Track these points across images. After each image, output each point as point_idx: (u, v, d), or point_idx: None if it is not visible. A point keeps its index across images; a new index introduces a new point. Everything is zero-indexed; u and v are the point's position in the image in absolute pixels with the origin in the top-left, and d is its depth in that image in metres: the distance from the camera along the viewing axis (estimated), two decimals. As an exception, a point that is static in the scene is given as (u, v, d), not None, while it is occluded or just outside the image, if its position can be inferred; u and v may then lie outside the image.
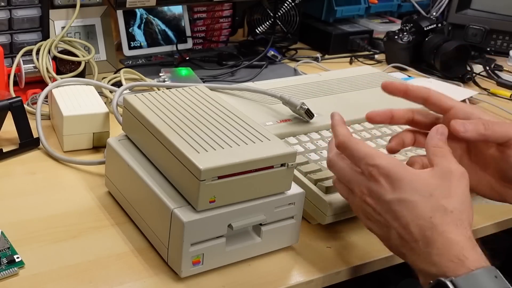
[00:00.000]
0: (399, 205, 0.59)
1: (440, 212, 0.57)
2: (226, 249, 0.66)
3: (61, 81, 0.96)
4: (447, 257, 0.56)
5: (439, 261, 0.56)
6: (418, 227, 0.57)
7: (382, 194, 0.60)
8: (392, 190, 0.59)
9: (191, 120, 0.69)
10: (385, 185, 0.60)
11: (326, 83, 0.99)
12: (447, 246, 0.56)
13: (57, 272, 0.64)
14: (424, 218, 0.57)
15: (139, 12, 1.24)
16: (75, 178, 0.82)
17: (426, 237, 0.57)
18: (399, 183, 0.59)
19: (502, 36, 1.49)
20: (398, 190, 0.59)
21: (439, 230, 0.57)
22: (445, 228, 0.57)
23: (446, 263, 0.56)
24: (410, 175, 0.59)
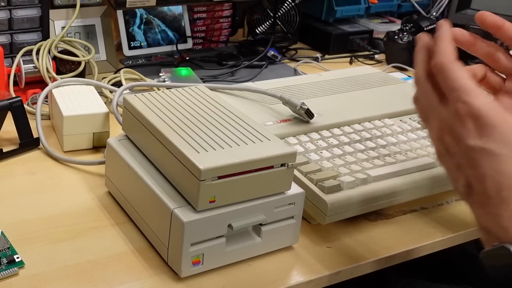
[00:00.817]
0: (481, 154, 0.52)
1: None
2: (226, 249, 0.66)
3: (61, 81, 0.96)
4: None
5: (509, 225, 0.50)
6: (496, 183, 0.51)
7: (464, 137, 0.53)
8: (478, 135, 0.52)
9: (191, 120, 0.69)
10: (471, 128, 0.52)
11: (326, 83, 0.99)
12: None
13: (57, 272, 0.64)
14: (506, 176, 0.51)
15: (139, 12, 1.24)
16: (75, 178, 0.82)
17: (501, 196, 0.51)
18: (489, 130, 0.51)
19: (502, 36, 1.49)
20: (485, 138, 0.51)
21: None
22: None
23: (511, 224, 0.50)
24: (505, 124, 0.51)
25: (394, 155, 0.81)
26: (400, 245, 0.74)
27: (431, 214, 0.79)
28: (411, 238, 0.76)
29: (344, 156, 0.79)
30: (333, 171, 0.76)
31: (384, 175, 0.76)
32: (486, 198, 0.52)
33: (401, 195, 0.77)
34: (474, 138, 0.52)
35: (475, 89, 0.53)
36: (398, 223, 0.79)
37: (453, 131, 0.54)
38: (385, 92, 0.98)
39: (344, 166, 0.77)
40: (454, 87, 0.53)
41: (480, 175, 0.52)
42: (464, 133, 0.53)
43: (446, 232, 0.77)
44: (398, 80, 1.05)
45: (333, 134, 0.83)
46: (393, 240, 0.75)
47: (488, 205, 0.52)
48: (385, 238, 0.75)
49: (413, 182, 0.77)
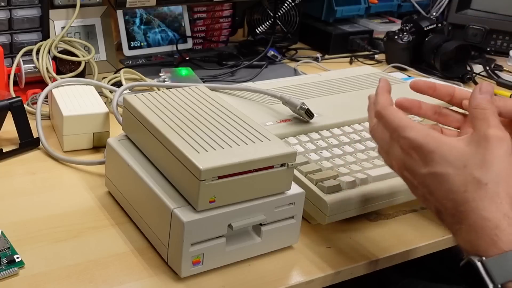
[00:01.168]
0: (432, 179, 0.56)
1: (474, 185, 0.53)
2: (226, 249, 0.66)
3: (61, 81, 0.96)
4: (479, 235, 0.52)
5: (471, 239, 0.53)
6: (452, 202, 0.54)
7: (415, 168, 0.57)
8: (424, 163, 0.56)
9: (191, 120, 0.69)
10: (417, 159, 0.57)
11: (326, 83, 0.99)
12: (479, 223, 0.53)
13: (57, 272, 0.64)
14: (458, 192, 0.54)
15: (139, 12, 1.24)
16: (75, 178, 0.82)
17: (460, 212, 0.54)
18: (431, 156, 0.56)
19: (502, 36, 1.49)
20: (430, 164, 0.56)
21: (472, 206, 0.53)
22: (478, 203, 0.53)
23: (478, 241, 0.52)
24: (442, 146, 0.56)
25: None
26: (400, 245, 0.74)
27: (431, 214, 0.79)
28: (411, 238, 0.76)
29: (344, 156, 0.79)
30: (333, 171, 0.76)
31: (384, 175, 0.76)
32: (451, 217, 0.55)
33: (401, 195, 0.77)
34: (422, 166, 0.57)
35: (409, 123, 0.58)
36: (398, 223, 0.79)
37: (407, 166, 0.59)
38: (385, 92, 0.98)
39: (344, 166, 0.77)
40: (393, 127, 0.60)
41: (439, 198, 0.56)
42: (414, 164, 0.58)
43: (446, 232, 0.77)
44: (398, 80, 1.05)
45: (333, 134, 0.83)
46: (393, 240, 0.75)
47: (455, 223, 0.55)
48: (385, 238, 0.75)
49: (413, 182, 0.77)
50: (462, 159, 0.55)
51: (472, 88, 1.30)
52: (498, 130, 0.55)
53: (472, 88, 1.29)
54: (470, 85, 1.29)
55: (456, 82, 1.28)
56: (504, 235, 0.52)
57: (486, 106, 0.58)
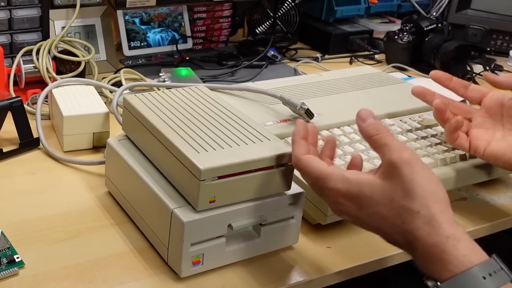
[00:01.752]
0: (371, 219, 0.57)
1: (408, 216, 0.54)
2: (226, 249, 0.66)
3: (61, 81, 0.96)
4: (431, 262, 0.53)
5: (425, 265, 0.54)
6: (399, 235, 0.56)
7: (351, 212, 0.58)
8: (357, 208, 0.57)
9: (191, 120, 0.69)
10: (349, 205, 0.58)
11: (326, 83, 0.99)
12: (427, 250, 0.53)
13: (57, 272, 0.64)
14: (398, 226, 0.55)
15: (139, 12, 1.24)
16: (75, 178, 0.82)
17: (409, 242, 0.55)
18: (360, 201, 0.57)
19: (502, 36, 1.49)
20: (362, 207, 0.57)
21: (415, 235, 0.54)
22: (420, 232, 0.54)
23: (432, 267, 0.53)
24: (365, 189, 0.57)
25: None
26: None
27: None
28: (411, 238, 0.76)
29: (344, 156, 0.79)
30: (333, 171, 0.75)
31: (384, 175, 0.76)
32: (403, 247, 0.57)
33: (401, 195, 0.76)
34: (357, 210, 0.57)
35: (328, 173, 0.59)
36: (398, 223, 0.79)
37: (342, 211, 0.59)
38: (385, 92, 0.98)
39: (344, 166, 0.77)
40: (313, 178, 0.60)
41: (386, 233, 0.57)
42: (348, 210, 0.58)
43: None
44: (398, 80, 1.05)
45: (333, 134, 0.83)
46: (393, 240, 0.75)
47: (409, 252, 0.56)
48: (385, 238, 0.75)
49: (413, 182, 0.77)
50: (386, 194, 0.55)
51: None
52: (399, 152, 0.56)
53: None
54: (470, 85, 1.29)
55: (456, 82, 1.28)
56: (453, 258, 0.52)
57: (374, 131, 0.59)
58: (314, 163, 0.60)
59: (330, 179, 0.58)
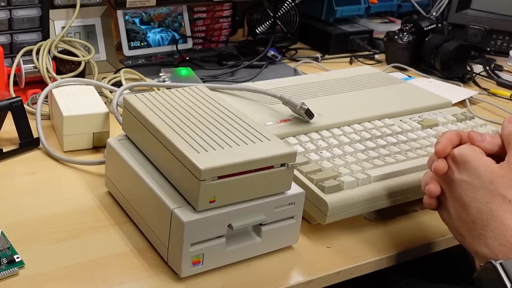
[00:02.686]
0: (461, 185, 0.62)
1: (498, 199, 0.60)
2: (226, 249, 0.66)
3: (61, 81, 0.96)
4: (500, 241, 0.58)
5: (492, 243, 0.58)
6: (475, 209, 0.61)
7: (449, 174, 0.64)
8: (457, 171, 0.63)
9: (191, 120, 0.69)
10: (453, 167, 0.64)
11: (326, 83, 0.99)
12: (501, 230, 0.58)
13: (57, 272, 0.64)
14: (482, 202, 0.60)
15: (139, 12, 1.24)
16: (75, 178, 0.82)
17: (482, 219, 0.60)
18: (465, 165, 0.62)
19: (502, 36, 1.49)
20: (463, 172, 0.63)
21: (494, 215, 0.59)
22: (501, 213, 0.59)
23: (498, 247, 0.58)
24: (477, 160, 0.62)
25: (394, 155, 0.81)
26: (400, 245, 0.74)
27: (431, 214, 0.79)
28: (411, 238, 0.76)
29: (344, 156, 0.79)
30: (333, 171, 0.76)
31: (384, 175, 0.76)
32: (472, 223, 0.61)
33: (401, 195, 0.77)
34: (456, 173, 0.63)
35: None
36: (398, 223, 0.79)
37: (445, 176, 0.65)
38: (385, 92, 0.98)
39: (344, 166, 0.77)
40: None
41: (463, 204, 0.62)
42: (450, 172, 0.64)
43: (446, 232, 0.77)
44: (398, 80, 1.05)
45: (333, 134, 0.83)
46: (393, 240, 0.75)
47: (474, 229, 0.61)
48: (385, 238, 0.75)
49: (413, 182, 0.77)
50: (491, 176, 0.61)
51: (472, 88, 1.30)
52: None
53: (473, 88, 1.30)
54: (470, 85, 1.29)
55: (456, 82, 1.28)
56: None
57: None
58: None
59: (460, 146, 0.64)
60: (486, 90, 1.27)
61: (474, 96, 1.21)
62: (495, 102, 1.21)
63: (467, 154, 0.63)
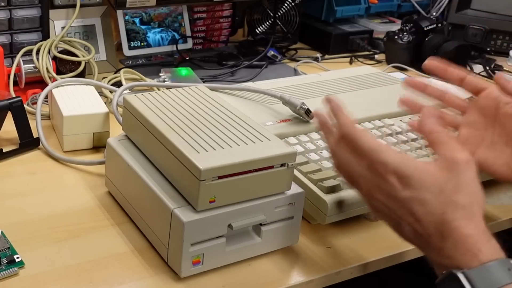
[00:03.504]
0: (411, 202, 0.58)
1: (452, 208, 0.57)
2: (226, 249, 0.66)
3: (61, 81, 0.96)
4: (460, 251, 0.56)
5: (453, 254, 0.56)
6: (431, 224, 0.57)
7: (392, 192, 0.59)
8: (402, 187, 0.58)
9: (191, 120, 0.69)
10: (395, 183, 0.58)
11: (326, 83, 0.99)
12: (460, 240, 0.56)
13: (57, 272, 0.64)
14: (436, 215, 0.57)
15: (139, 12, 1.24)
16: (75, 178, 0.82)
17: (439, 232, 0.57)
18: (409, 180, 0.58)
19: (502, 36, 1.49)
20: (408, 188, 0.58)
21: (451, 226, 0.56)
22: (458, 223, 0.56)
23: (459, 257, 0.56)
24: (419, 171, 0.58)
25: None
26: (400, 245, 0.74)
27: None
28: (411, 238, 0.76)
29: (344, 156, 0.79)
30: (333, 171, 0.75)
31: (384, 175, 0.76)
32: (429, 236, 0.58)
33: (401, 195, 0.76)
34: (401, 190, 0.58)
35: (384, 147, 0.59)
36: (398, 223, 0.79)
37: (382, 189, 0.59)
38: (385, 92, 0.98)
39: (344, 166, 0.77)
40: (366, 150, 0.60)
41: (417, 218, 0.58)
42: (391, 188, 0.58)
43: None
44: (398, 80, 1.05)
45: (333, 134, 0.83)
46: (393, 240, 0.75)
47: (432, 242, 0.58)
48: (385, 238, 0.75)
49: (413, 182, 0.77)
50: (438, 184, 0.57)
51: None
52: (463, 153, 0.58)
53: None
54: (470, 85, 1.29)
55: (456, 82, 1.28)
56: (485, 248, 0.55)
57: (439, 129, 0.61)
58: (369, 136, 0.61)
59: (386, 153, 0.59)
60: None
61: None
62: (495, 102, 1.20)
63: (404, 168, 0.58)
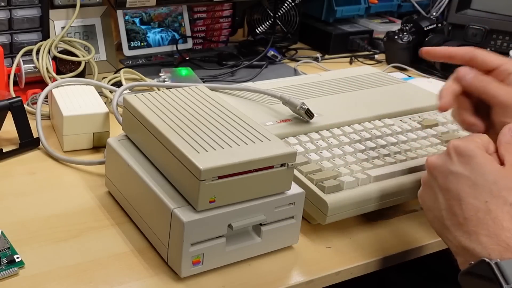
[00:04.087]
0: (459, 179, 0.60)
1: (499, 200, 0.58)
2: (226, 249, 0.66)
3: (61, 81, 0.96)
4: (496, 240, 0.56)
5: (487, 242, 0.57)
6: (471, 206, 0.58)
7: (448, 164, 0.61)
8: (459, 163, 0.60)
9: (191, 120, 0.69)
10: (455, 159, 0.61)
11: (326, 83, 0.99)
12: (498, 230, 0.56)
13: (57, 272, 0.64)
14: (480, 200, 0.58)
15: (139, 12, 1.24)
16: (75, 178, 0.82)
17: (477, 217, 0.58)
18: (469, 160, 0.60)
19: (502, 36, 1.49)
20: (464, 166, 0.60)
21: (492, 215, 0.57)
22: (499, 215, 0.57)
23: (493, 246, 0.56)
24: (482, 158, 0.60)
25: (394, 155, 0.81)
26: (400, 245, 0.74)
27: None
28: (411, 238, 0.76)
29: (344, 156, 0.79)
30: (333, 171, 0.76)
31: (384, 175, 0.76)
32: (464, 218, 0.59)
33: (401, 195, 0.77)
34: (456, 165, 0.61)
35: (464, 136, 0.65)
36: (398, 223, 0.79)
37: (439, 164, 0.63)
38: (385, 92, 0.98)
39: (344, 166, 0.77)
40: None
41: (458, 196, 0.60)
42: (448, 162, 0.62)
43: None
44: (398, 80, 1.05)
45: (333, 134, 0.83)
46: (393, 240, 0.75)
47: (465, 225, 0.59)
48: (385, 238, 0.75)
49: (413, 182, 0.77)
50: (495, 176, 0.59)
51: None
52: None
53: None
54: (470, 85, 1.29)
55: (456, 82, 1.28)
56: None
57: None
58: None
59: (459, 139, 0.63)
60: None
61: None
62: (495, 102, 1.20)
63: (472, 149, 0.61)
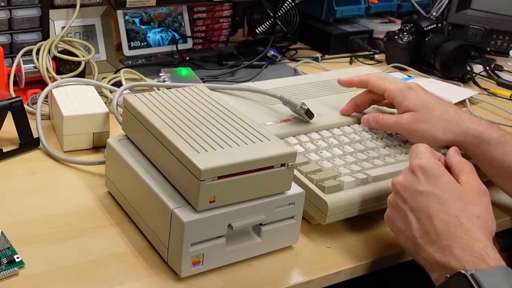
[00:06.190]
0: (429, 197, 0.63)
1: (467, 214, 0.61)
2: (226, 249, 0.66)
3: (61, 81, 0.96)
4: (470, 252, 0.58)
5: (461, 255, 0.58)
6: (443, 222, 0.61)
7: (415, 184, 0.64)
8: (427, 183, 0.63)
9: (191, 120, 0.69)
10: (421, 178, 0.64)
11: (326, 83, 0.99)
12: (471, 242, 0.59)
13: (57, 272, 0.64)
14: (450, 215, 0.61)
15: (139, 12, 1.24)
16: (75, 178, 0.82)
17: (449, 232, 0.60)
18: (436, 180, 0.63)
19: (502, 36, 1.49)
20: (432, 185, 0.63)
21: (464, 228, 0.60)
22: (470, 227, 0.60)
23: (468, 258, 0.58)
24: (448, 177, 0.64)
25: (394, 155, 0.81)
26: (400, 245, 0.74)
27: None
28: (411, 238, 0.76)
29: (344, 156, 0.79)
30: (333, 171, 0.76)
31: (384, 175, 0.76)
32: (436, 235, 0.61)
33: (401, 195, 0.77)
34: (424, 185, 0.64)
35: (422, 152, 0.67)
36: (398, 223, 0.79)
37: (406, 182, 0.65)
38: (385, 92, 0.98)
39: (344, 166, 0.77)
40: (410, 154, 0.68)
41: (429, 215, 0.62)
42: (415, 181, 0.64)
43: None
44: (398, 80, 1.05)
45: (333, 134, 0.83)
46: (393, 240, 0.75)
47: (439, 241, 0.61)
48: (385, 238, 0.75)
49: (413, 182, 0.77)
50: (459, 193, 0.63)
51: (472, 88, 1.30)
52: (482, 184, 0.66)
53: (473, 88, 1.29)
54: (470, 85, 1.29)
55: (456, 82, 1.28)
56: (492, 253, 0.58)
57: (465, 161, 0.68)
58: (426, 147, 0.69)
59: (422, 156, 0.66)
60: (486, 90, 1.27)
61: (474, 96, 1.21)
62: (495, 102, 1.21)
63: (437, 168, 0.64)
